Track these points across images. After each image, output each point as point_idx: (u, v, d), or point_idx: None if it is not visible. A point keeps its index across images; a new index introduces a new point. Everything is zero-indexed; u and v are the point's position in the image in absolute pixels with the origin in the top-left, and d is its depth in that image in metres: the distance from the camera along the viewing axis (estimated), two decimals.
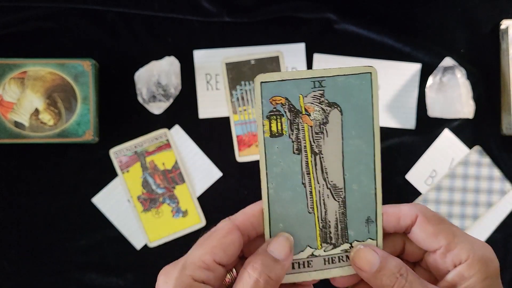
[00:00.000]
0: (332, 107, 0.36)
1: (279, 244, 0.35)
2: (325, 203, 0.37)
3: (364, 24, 0.72)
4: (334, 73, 0.36)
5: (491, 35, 0.73)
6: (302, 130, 0.36)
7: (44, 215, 0.71)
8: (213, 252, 0.34)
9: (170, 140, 0.72)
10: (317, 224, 0.37)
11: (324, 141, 0.36)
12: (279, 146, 0.36)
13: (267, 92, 0.35)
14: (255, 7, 0.72)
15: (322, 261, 0.37)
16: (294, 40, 0.72)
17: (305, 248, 0.37)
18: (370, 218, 0.37)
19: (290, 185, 0.36)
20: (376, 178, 0.37)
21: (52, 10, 0.72)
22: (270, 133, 0.36)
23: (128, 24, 0.72)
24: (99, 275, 0.71)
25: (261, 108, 0.35)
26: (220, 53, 0.72)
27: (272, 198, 0.36)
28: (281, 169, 0.36)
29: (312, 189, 0.37)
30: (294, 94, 0.36)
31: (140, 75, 0.71)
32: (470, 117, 0.71)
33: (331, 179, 0.37)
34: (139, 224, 0.71)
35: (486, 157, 0.72)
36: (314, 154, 0.36)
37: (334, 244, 0.37)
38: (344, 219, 0.37)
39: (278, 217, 0.36)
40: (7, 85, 0.68)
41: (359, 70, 0.36)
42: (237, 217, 0.36)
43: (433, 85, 0.71)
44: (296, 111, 0.36)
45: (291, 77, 0.35)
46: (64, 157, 0.71)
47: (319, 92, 0.36)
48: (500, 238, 0.72)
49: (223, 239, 0.34)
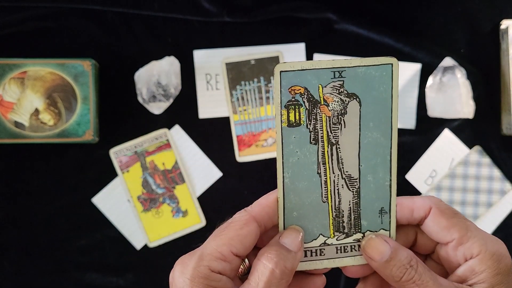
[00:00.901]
0: (351, 98, 0.36)
1: (291, 236, 0.36)
2: (339, 192, 0.37)
3: (364, 24, 0.72)
4: (355, 63, 0.36)
5: (491, 35, 0.73)
6: (320, 120, 0.36)
7: (44, 215, 0.71)
8: (230, 244, 0.34)
9: (170, 140, 0.72)
10: (331, 213, 0.37)
11: (341, 131, 0.36)
12: (296, 135, 0.36)
13: (286, 82, 0.35)
14: (255, 7, 0.72)
15: (334, 249, 0.38)
16: (294, 40, 0.72)
17: (318, 236, 0.37)
18: (384, 209, 0.37)
19: (305, 174, 0.36)
20: (392, 170, 0.37)
21: (52, 10, 0.72)
22: (288, 122, 0.36)
23: (128, 24, 0.72)
24: (99, 275, 0.71)
25: (279, 97, 0.35)
26: (220, 53, 0.72)
27: (287, 187, 0.37)
28: (297, 159, 0.36)
29: (327, 179, 0.37)
30: (314, 84, 0.35)
31: (140, 75, 0.71)
32: (470, 117, 0.71)
33: (347, 170, 0.37)
34: (139, 224, 0.71)
35: (486, 157, 0.72)
36: (330, 145, 0.36)
37: (346, 233, 0.38)
38: (358, 209, 0.37)
39: (293, 206, 0.37)
40: (7, 85, 0.68)
41: (380, 61, 0.36)
42: (253, 208, 0.37)
43: (433, 85, 0.71)
44: (314, 101, 0.36)
45: (311, 66, 0.35)
46: (64, 157, 0.71)
47: (338, 82, 0.36)
48: (500, 238, 0.71)
49: (240, 231, 0.35)
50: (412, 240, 0.39)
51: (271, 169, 0.72)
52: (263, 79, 0.72)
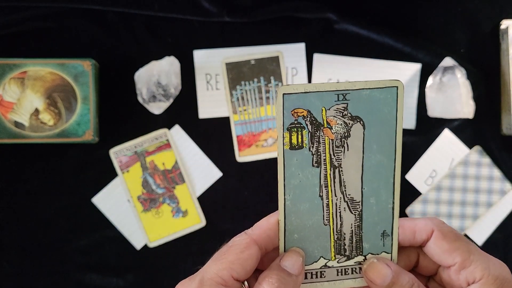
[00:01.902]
0: (355, 120, 0.36)
1: (292, 259, 0.35)
2: (341, 215, 0.37)
3: (364, 24, 0.72)
4: (359, 86, 0.35)
5: (491, 35, 0.73)
6: (322, 143, 0.36)
7: (44, 215, 0.71)
8: (231, 268, 0.34)
9: (170, 140, 0.72)
10: (332, 235, 0.37)
11: (344, 154, 0.36)
12: (299, 158, 0.36)
13: (289, 104, 0.35)
14: (255, 7, 0.72)
15: (335, 272, 0.38)
16: (294, 40, 0.72)
17: (319, 259, 0.37)
18: (386, 231, 0.37)
19: (307, 197, 0.36)
20: (394, 192, 0.37)
21: (52, 10, 0.72)
22: (290, 145, 0.36)
23: (128, 24, 0.72)
24: (99, 275, 0.71)
25: (282, 119, 0.35)
26: (220, 53, 0.72)
27: (289, 209, 0.36)
28: (299, 181, 0.36)
29: (329, 202, 0.37)
30: (317, 107, 0.35)
31: (140, 75, 0.71)
32: (470, 117, 0.71)
33: (349, 193, 0.37)
34: (139, 224, 0.71)
35: (486, 157, 0.72)
36: (333, 167, 0.36)
37: (348, 256, 0.38)
38: (360, 232, 0.37)
39: (294, 228, 0.37)
40: (7, 85, 0.68)
41: (385, 84, 0.36)
42: (254, 231, 0.36)
43: (433, 85, 0.71)
44: (317, 124, 0.36)
45: (315, 89, 0.35)
46: (64, 157, 0.71)
47: (342, 105, 0.35)
48: (500, 238, 0.72)
49: (241, 254, 0.34)
50: (414, 262, 0.39)
51: (271, 169, 0.72)
52: (263, 79, 0.72)
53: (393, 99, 0.36)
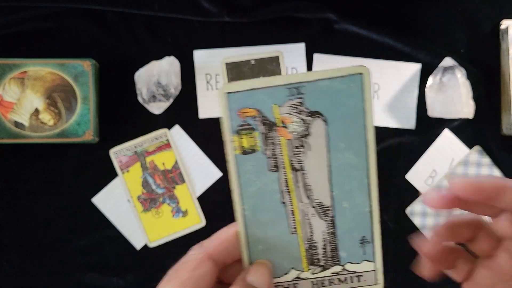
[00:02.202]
0: (314, 116, 0.32)
1: (258, 273, 0.32)
2: (310, 222, 0.34)
3: (364, 24, 0.72)
4: (315, 77, 0.31)
5: (491, 35, 0.73)
6: (278, 145, 0.32)
7: (44, 215, 0.71)
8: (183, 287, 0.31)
9: (170, 140, 0.72)
10: (302, 245, 0.34)
11: (306, 155, 0.33)
12: (253, 163, 0.32)
13: (235, 104, 0.31)
14: (255, 7, 0.72)
15: (309, 284, 0.34)
16: (294, 40, 0.72)
17: (290, 270, 0.34)
18: (366, 238, 0.34)
19: (268, 205, 0.33)
20: (371, 194, 0.34)
21: (52, 10, 0.72)
22: (242, 149, 0.32)
23: (128, 24, 0.72)
24: (99, 275, 0.71)
25: (229, 122, 0.32)
26: (220, 53, 0.72)
27: (249, 220, 0.33)
28: (257, 189, 0.33)
29: (294, 208, 0.33)
30: (267, 104, 0.32)
31: (140, 75, 0.71)
32: (470, 117, 0.71)
33: (316, 197, 0.33)
34: (139, 224, 0.71)
35: (486, 157, 0.72)
36: (294, 171, 0.33)
37: (323, 266, 0.34)
38: (334, 240, 0.34)
39: (257, 239, 0.33)
40: (7, 85, 0.68)
41: (346, 72, 0.31)
42: (210, 244, 0.33)
43: (433, 85, 0.71)
44: (270, 123, 0.32)
45: (262, 85, 0.31)
46: (64, 157, 0.71)
47: (297, 100, 0.32)
48: None
49: (193, 272, 0.31)
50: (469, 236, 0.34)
51: None
52: None
53: (358, 88, 0.32)
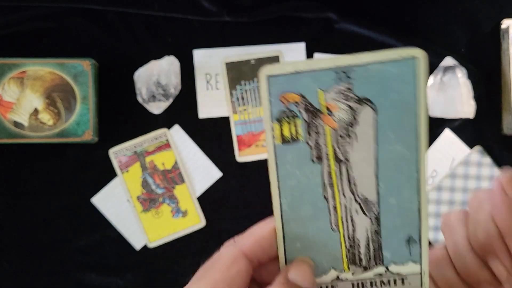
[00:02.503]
0: (363, 104, 0.29)
1: (300, 271, 0.30)
2: (353, 219, 0.31)
3: (364, 23, 0.72)
4: (366, 60, 0.28)
5: (491, 35, 0.73)
6: (323, 134, 0.30)
7: (44, 215, 0.71)
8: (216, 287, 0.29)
9: (169, 140, 0.72)
10: (343, 243, 0.31)
11: (352, 146, 0.30)
12: (294, 154, 0.30)
13: (276, 88, 0.29)
14: (255, 6, 0.72)
15: (349, 285, 0.32)
16: (295, 40, 0.72)
17: (329, 270, 0.32)
18: (413, 237, 0.31)
19: (308, 199, 0.31)
20: (420, 190, 0.31)
21: (51, 10, 0.72)
22: (282, 138, 0.30)
23: (128, 24, 0.72)
24: (98, 275, 0.71)
25: (269, 108, 0.29)
26: (220, 53, 0.72)
27: (287, 215, 0.31)
28: (297, 181, 0.30)
29: (336, 204, 0.31)
30: (312, 90, 0.29)
31: (140, 75, 0.70)
32: (471, 117, 0.71)
33: (361, 192, 0.31)
34: (139, 224, 0.71)
35: (487, 157, 0.71)
36: (338, 162, 0.30)
37: (365, 266, 0.32)
38: (378, 238, 0.31)
39: (295, 236, 0.31)
40: (7, 84, 0.68)
41: (400, 55, 0.28)
42: (244, 241, 0.31)
43: (433, 84, 0.70)
44: (315, 110, 0.29)
45: (308, 68, 0.28)
46: (64, 157, 0.71)
47: (345, 85, 0.29)
48: None
49: (227, 272, 0.29)
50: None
51: None
52: None
53: (412, 74, 0.29)
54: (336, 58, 0.28)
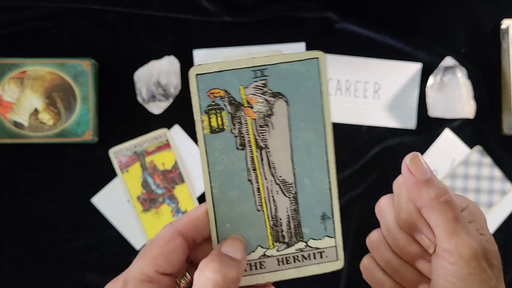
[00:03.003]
0: (277, 97, 0.34)
1: (232, 245, 0.33)
2: (274, 199, 0.35)
3: (364, 23, 0.72)
4: (277, 60, 0.33)
5: (491, 35, 0.73)
6: (245, 124, 0.34)
7: (44, 215, 0.71)
8: (155, 263, 0.32)
9: (169, 140, 0.72)
10: (267, 222, 0.35)
11: (270, 134, 0.34)
12: (221, 142, 0.34)
13: (204, 85, 0.33)
14: (255, 6, 0.72)
15: (275, 261, 0.35)
16: (294, 40, 0.72)
17: (256, 248, 0.35)
18: (326, 214, 0.35)
19: (235, 183, 0.34)
20: (330, 171, 0.35)
21: (51, 10, 0.72)
22: (210, 129, 0.34)
23: (128, 24, 0.72)
24: (98, 275, 0.71)
25: (198, 102, 0.33)
26: (220, 53, 0.72)
27: (217, 197, 0.34)
28: (225, 167, 0.34)
29: (259, 186, 0.35)
30: (234, 86, 0.33)
31: (140, 75, 0.70)
32: (471, 117, 0.71)
33: (280, 174, 0.35)
34: (139, 224, 0.71)
35: (486, 157, 0.72)
36: (259, 149, 0.34)
37: (287, 243, 0.35)
38: (297, 216, 0.35)
39: (225, 217, 0.34)
40: (7, 84, 0.68)
41: (304, 56, 0.34)
42: (180, 221, 0.34)
43: (433, 84, 0.71)
44: (237, 103, 0.34)
45: (230, 67, 0.33)
46: (64, 157, 0.71)
47: (261, 82, 0.33)
48: (501, 238, 0.72)
49: (165, 247, 0.33)
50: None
51: None
52: None
53: (315, 71, 0.34)
54: (253, 59, 0.33)
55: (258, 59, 0.33)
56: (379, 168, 0.72)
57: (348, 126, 0.72)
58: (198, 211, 0.34)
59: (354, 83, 0.73)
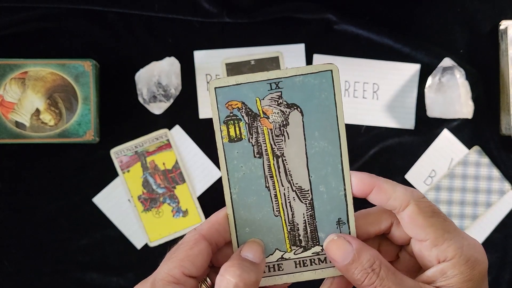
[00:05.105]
0: (292, 108, 0.36)
1: (252, 248, 0.35)
2: (291, 205, 0.37)
3: (363, 24, 0.72)
4: (291, 73, 0.35)
5: (490, 36, 0.73)
6: (261, 134, 0.36)
7: (45, 215, 0.71)
8: (181, 265, 0.34)
9: (170, 140, 0.72)
10: (285, 227, 0.37)
11: (285, 143, 0.36)
12: (239, 150, 0.36)
13: (222, 97, 0.35)
14: (255, 7, 0.72)
15: (292, 264, 0.37)
16: (294, 41, 0.73)
17: (274, 251, 0.37)
18: (341, 219, 0.37)
19: (254, 189, 0.36)
20: (345, 179, 0.36)
21: (52, 11, 0.72)
22: (229, 138, 0.36)
23: (129, 25, 0.73)
24: (99, 274, 0.71)
25: (217, 113, 0.35)
26: (220, 54, 0.73)
27: (236, 203, 0.36)
28: (243, 174, 0.36)
29: (276, 192, 0.37)
30: (251, 98, 0.35)
31: (141, 76, 0.71)
32: (469, 117, 0.71)
33: (296, 181, 0.36)
34: (140, 224, 0.71)
35: (485, 157, 0.72)
36: (276, 157, 0.36)
37: (304, 246, 0.37)
38: (313, 221, 0.37)
39: (244, 222, 0.36)
40: (8, 85, 0.68)
41: (317, 69, 0.36)
42: (203, 227, 0.36)
43: (432, 85, 0.71)
44: (254, 114, 0.36)
45: (246, 80, 0.35)
46: (65, 157, 0.72)
47: (276, 94, 0.35)
48: (499, 238, 0.72)
49: (190, 251, 0.34)
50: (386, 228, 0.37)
51: None
52: None
53: (329, 83, 0.36)
54: (268, 72, 0.35)
55: (273, 72, 0.35)
56: (378, 168, 0.72)
57: (347, 126, 0.73)
58: (218, 216, 0.36)
59: (353, 83, 0.73)
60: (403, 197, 0.35)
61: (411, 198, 0.35)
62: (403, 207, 0.35)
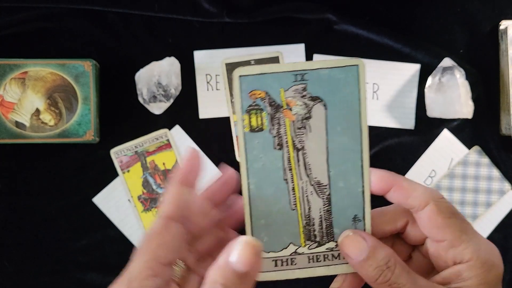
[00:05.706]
0: (316, 101, 0.35)
1: (242, 253, 0.31)
2: (308, 199, 0.36)
3: (363, 24, 0.72)
4: (317, 66, 0.35)
5: (490, 36, 0.73)
6: (283, 125, 0.35)
7: (45, 215, 0.71)
8: (156, 255, 0.32)
9: (170, 140, 0.72)
10: (300, 221, 0.36)
11: (307, 136, 0.35)
12: (260, 141, 0.35)
13: (246, 86, 0.35)
14: (255, 7, 0.72)
15: (306, 259, 0.36)
16: (294, 41, 0.73)
17: (288, 245, 0.36)
18: (358, 216, 0.36)
19: (271, 181, 0.35)
20: (364, 176, 0.36)
21: (52, 11, 0.72)
22: (250, 127, 0.35)
23: (129, 25, 0.73)
24: (100, 274, 0.71)
25: (240, 102, 0.35)
26: (220, 54, 0.73)
27: (253, 193, 0.35)
28: (262, 165, 0.35)
29: (294, 185, 0.36)
30: (275, 88, 0.35)
31: (141, 76, 0.71)
32: (469, 117, 0.71)
33: (315, 176, 0.36)
34: (140, 224, 0.71)
35: (485, 157, 0.72)
36: (296, 150, 0.35)
37: (318, 242, 0.36)
38: (329, 217, 0.36)
39: (260, 213, 0.36)
40: (8, 85, 0.68)
41: (344, 63, 0.35)
42: (163, 208, 0.33)
43: (432, 85, 0.71)
44: (277, 105, 0.35)
45: (271, 70, 0.34)
46: (65, 157, 0.72)
47: (301, 85, 0.35)
48: (499, 238, 0.72)
49: (161, 238, 0.32)
50: (401, 227, 0.37)
51: None
52: None
53: (355, 78, 0.35)
54: (294, 63, 0.35)
55: (299, 64, 0.35)
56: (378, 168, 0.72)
57: None
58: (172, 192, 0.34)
59: None
60: (422, 196, 0.35)
61: (431, 198, 0.34)
62: (422, 207, 0.34)
